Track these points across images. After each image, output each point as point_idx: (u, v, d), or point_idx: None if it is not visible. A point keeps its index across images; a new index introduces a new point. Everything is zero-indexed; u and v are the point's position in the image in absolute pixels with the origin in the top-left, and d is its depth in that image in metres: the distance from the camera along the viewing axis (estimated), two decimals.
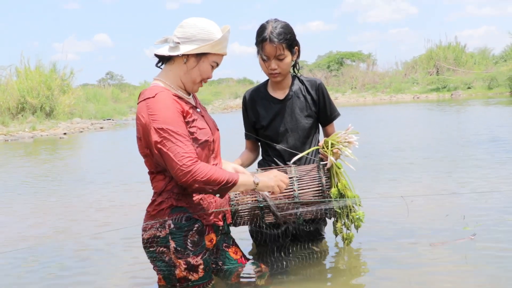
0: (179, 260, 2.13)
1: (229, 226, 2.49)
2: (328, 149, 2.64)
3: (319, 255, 2.88)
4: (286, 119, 2.85)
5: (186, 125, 2.12)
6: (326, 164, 2.64)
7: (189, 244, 2.14)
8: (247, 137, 2.97)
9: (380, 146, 7.67)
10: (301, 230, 2.88)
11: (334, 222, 2.74)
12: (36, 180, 6.63)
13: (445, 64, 29.40)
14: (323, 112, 2.89)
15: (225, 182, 2.07)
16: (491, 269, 2.61)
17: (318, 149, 2.77)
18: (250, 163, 2.97)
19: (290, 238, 2.92)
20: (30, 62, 19.04)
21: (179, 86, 2.23)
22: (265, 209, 2.59)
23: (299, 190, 2.60)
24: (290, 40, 2.69)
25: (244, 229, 2.92)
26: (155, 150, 2.07)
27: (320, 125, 2.97)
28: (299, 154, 2.74)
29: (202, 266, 2.16)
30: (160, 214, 2.14)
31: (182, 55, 2.16)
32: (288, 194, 2.58)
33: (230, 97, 33.72)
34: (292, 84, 2.88)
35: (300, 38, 2.79)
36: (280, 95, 2.87)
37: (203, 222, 2.19)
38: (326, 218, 2.89)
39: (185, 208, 2.15)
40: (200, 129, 2.17)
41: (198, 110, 2.27)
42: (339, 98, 28.79)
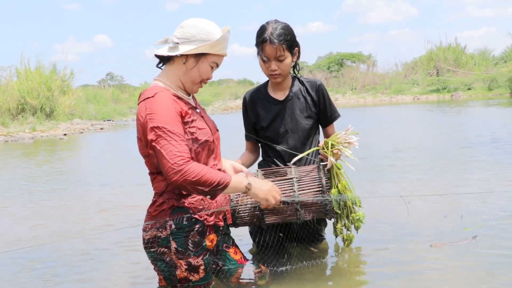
0: (180, 260, 2.13)
1: (229, 227, 2.49)
2: (328, 150, 2.64)
3: (319, 256, 2.88)
4: (286, 120, 2.85)
5: (185, 125, 2.13)
6: (326, 164, 2.64)
7: (190, 244, 2.14)
8: (247, 138, 2.97)
9: (380, 147, 7.68)
10: (301, 231, 2.88)
11: (334, 223, 2.74)
12: (35, 181, 6.63)
13: (445, 65, 29.41)
14: (323, 113, 2.89)
15: (216, 183, 2.04)
16: (491, 270, 2.61)
17: (318, 150, 2.77)
18: (251, 164, 2.98)
19: (290, 239, 2.93)
20: (30, 63, 19.13)
21: (179, 87, 2.23)
22: (265, 209, 2.59)
23: (299, 191, 2.60)
24: (290, 41, 2.70)
25: (244, 229, 2.92)
26: (150, 149, 2.07)
27: (320, 126, 2.97)
28: (299, 155, 2.74)
29: (202, 267, 2.17)
30: (161, 214, 2.15)
31: (181, 56, 2.16)
32: (288, 195, 2.58)
33: (230, 98, 33.74)
34: (292, 85, 2.88)
35: (300, 39, 2.80)
36: (280, 96, 2.88)
37: (204, 223, 2.19)
38: (326, 219, 2.90)
39: (186, 208, 2.15)
40: (200, 129, 2.18)
41: (197, 110, 2.28)
42: (339, 99, 28.80)
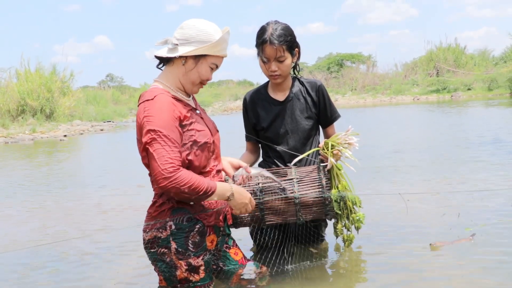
0: (180, 261, 2.13)
1: (229, 227, 2.49)
2: (328, 150, 2.64)
3: (319, 256, 2.89)
4: (287, 121, 2.85)
5: (184, 128, 2.13)
6: (326, 165, 2.64)
7: (190, 245, 2.14)
8: (248, 138, 2.97)
9: (380, 148, 7.67)
10: (301, 231, 2.88)
11: (334, 224, 2.75)
12: (35, 183, 6.63)
13: (445, 65, 29.42)
14: (323, 113, 2.89)
15: (203, 192, 2.07)
16: (491, 271, 2.61)
17: (318, 150, 2.77)
18: (251, 165, 2.97)
19: (290, 240, 2.93)
20: (30, 64, 19.12)
21: (179, 88, 2.23)
22: (265, 210, 2.60)
23: (300, 191, 2.60)
24: (290, 42, 2.70)
25: (244, 230, 2.92)
26: (144, 151, 2.08)
27: (320, 126, 2.97)
28: (300, 156, 2.74)
29: (203, 267, 2.17)
30: (161, 215, 2.15)
31: (181, 57, 2.16)
32: (288, 196, 2.59)
33: (230, 99, 33.74)
34: (292, 85, 2.88)
35: (300, 39, 2.80)
36: (280, 97, 2.88)
37: (204, 223, 2.19)
38: (326, 219, 2.90)
39: (186, 209, 2.16)
40: (199, 131, 2.18)
41: (197, 112, 2.28)
42: (339, 100, 28.80)
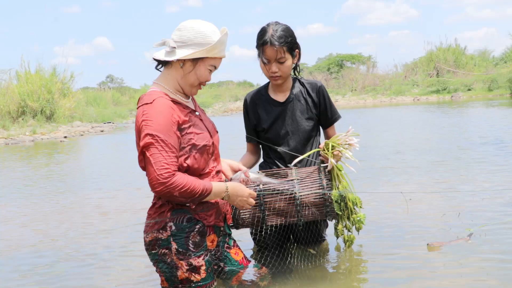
0: (181, 261, 2.14)
1: (230, 227, 2.49)
2: (328, 151, 2.64)
3: (320, 257, 2.89)
4: (287, 122, 2.85)
5: (182, 132, 2.13)
6: (327, 166, 2.65)
7: (190, 245, 2.15)
8: (248, 139, 2.98)
9: (381, 149, 7.67)
10: (302, 232, 2.89)
11: (335, 224, 2.75)
12: (35, 184, 6.63)
13: (445, 66, 29.41)
14: (324, 114, 2.90)
15: (199, 194, 2.09)
16: (490, 271, 2.62)
17: (319, 151, 2.77)
18: (252, 166, 2.98)
19: (291, 240, 2.93)
20: (30, 66, 19.15)
21: (177, 90, 2.23)
22: (266, 211, 2.60)
23: (300, 192, 2.60)
24: (291, 43, 2.70)
25: (245, 230, 2.92)
26: (141, 154, 2.08)
27: (321, 127, 2.97)
28: (300, 157, 2.74)
29: (204, 267, 2.17)
30: (161, 216, 2.15)
31: (179, 60, 2.16)
32: (289, 197, 2.59)
33: (230, 100, 33.73)
34: (293, 86, 2.88)
35: (300, 40, 2.80)
36: (281, 98, 2.88)
37: (204, 223, 2.20)
38: (327, 220, 2.90)
39: (185, 209, 2.16)
40: (197, 134, 2.18)
41: (197, 113, 2.28)
42: (339, 101, 28.79)
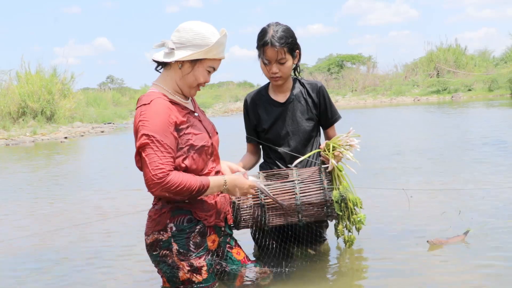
0: (182, 262, 2.14)
1: (231, 228, 2.50)
2: (329, 152, 2.65)
3: (321, 257, 2.89)
4: (288, 122, 2.86)
5: (180, 132, 2.14)
6: (327, 167, 2.65)
7: (191, 246, 2.15)
8: (248, 140, 2.98)
9: (381, 149, 7.66)
10: (302, 232, 2.89)
11: (335, 225, 2.75)
12: (36, 185, 6.62)
13: (445, 66, 29.40)
14: (324, 115, 2.90)
15: (196, 190, 2.09)
16: (491, 269, 2.63)
17: (319, 152, 2.78)
18: (252, 166, 2.99)
19: (291, 241, 2.93)
20: (30, 67, 19.16)
21: (176, 91, 2.24)
22: (267, 212, 2.60)
23: (301, 193, 2.60)
24: (291, 44, 2.70)
25: (245, 231, 2.92)
26: (137, 155, 2.09)
27: (321, 128, 2.98)
28: (301, 157, 2.74)
29: (205, 268, 2.18)
30: (161, 217, 2.16)
31: (177, 61, 2.17)
32: (290, 197, 2.59)
33: (231, 100, 33.73)
34: (293, 87, 2.89)
35: (300, 41, 2.80)
36: (281, 99, 2.88)
37: (205, 223, 2.20)
38: (327, 220, 2.90)
39: (186, 210, 2.16)
40: (196, 134, 2.18)
41: (196, 114, 2.28)
42: (340, 101, 28.78)
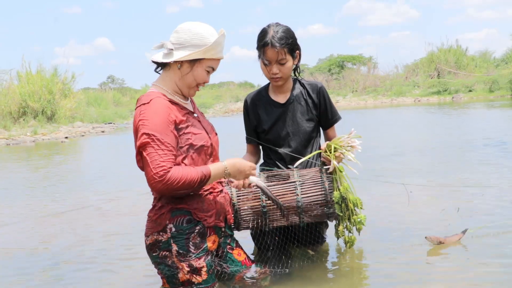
0: (182, 263, 2.14)
1: (231, 228, 2.50)
2: (331, 153, 2.65)
3: (321, 257, 2.89)
4: (288, 123, 2.86)
5: (180, 131, 2.14)
6: (328, 168, 2.65)
7: (191, 246, 2.15)
8: (248, 140, 2.98)
9: (382, 150, 7.66)
10: (302, 233, 2.89)
11: (335, 225, 2.75)
12: (36, 186, 6.60)
13: (446, 67, 29.39)
14: (324, 115, 2.90)
15: (198, 182, 2.08)
16: (491, 268, 2.64)
17: (320, 152, 2.78)
18: None
19: (291, 241, 2.93)
20: (31, 66, 19.11)
21: (176, 91, 2.24)
22: (268, 213, 2.60)
23: (302, 194, 2.60)
24: (291, 44, 2.70)
25: (246, 232, 2.92)
26: (138, 154, 2.09)
27: (321, 128, 2.98)
28: (302, 159, 2.74)
29: (205, 269, 2.17)
30: (161, 218, 2.16)
31: (176, 61, 2.17)
32: (291, 198, 2.59)
33: (231, 100, 33.74)
34: (293, 88, 2.89)
35: (300, 41, 2.80)
36: (281, 99, 2.88)
37: (204, 224, 2.20)
38: (328, 221, 2.90)
39: (185, 210, 2.16)
40: (195, 134, 2.19)
41: (195, 115, 2.29)
42: (340, 102, 28.77)
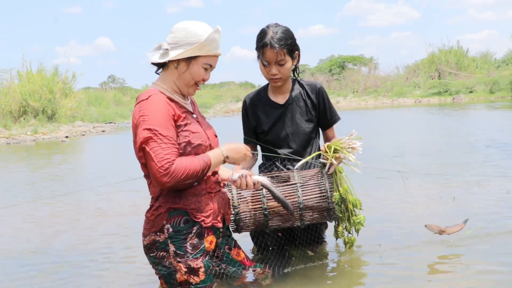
0: (179, 263, 2.14)
1: (230, 229, 2.49)
2: (331, 153, 2.65)
3: (321, 257, 2.89)
4: (287, 124, 2.86)
5: (178, 128, 2.15)
6: (329, 169, 2.65)
7: (188, 247, 2.15)
8: (246, 142, 2.96)
9: (382, 151, 7.65)
10: (302, 233, 2.89)
11: (335, 226, 2.76)
12: (34, 185, 6.58)
13: (447, 68, 29.38)
14: (323, 116, 2.90)
15: (201, 172, 2.11)
16: (490, 266, 2.65)
17: (319, 153, 2.78)
18: (249, 167, 2.98)
19: (291, 241, 2.94)
20: (32, 66, 19.11)
21: (175, 91, 2.25)
22: (270, 215, 2.60)
23: (304, 196, 2.60)
24: (291, 45, 2.70)
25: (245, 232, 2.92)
26: (139, 151, 2.09)
27: (320, 129, 2.98)
28: (303, 160, 2.74)
29: (202, 269, 2.17)
30: (158, 218, 2.16)
31: (173, 61, 2.19)
32: (292, 200, 2.59)
33: (232, 100, 33.74)
34: (292, 88, 2.89)
35: (301, 41, 2.80)
36: (280, 100, 2.88)
37: (202, 224, 2.19)
38: (327, 221, 2.90)
39: (182, 210, 2.16)
40: (193, 133, 2.19)
41: (194, 116, 2.29)
42: (341, 102, 28.75)
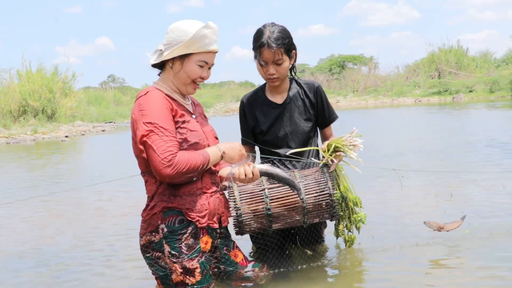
0: (175, 264, 2.13)
1: (228, 229, 2.49)
2: (327, 154, 2.65)
3: (320, 256, 2.89)
4: (286, 124, 2.85)
5: (176, 125, 2.16)
6: (329, 167, 2.65)
7: (183, 247, 2.14)
8: (244, 142, 2.95)
9: (382, 150, 7.65)
10: (301, 233, 2.89)
11: (335, 224, 2.75)
12: (34, 185, 6.57)
13: (446, 67, 29.38)
14: (321, 114, 2.90)
15: (201, 167, 2.14)
16: (490, 264, 2.65)
17: (317, 150, 2.78)
18: None
19: (290, 241, 2.93)
20: (32, 65, 19.11)
21: (174, 90, 2.27)
22: (272, 216, 2.60)
23: (306, 195, 2.60)
24: (288, 44, 2.70)
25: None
26: (140, 145, 2.09)
27: (318, 127, 2.97)
28: (301, 158, 2.75)
29: (198, 270, 2.16)
30: (153, 218, 2.15)
31: (168, 61, 2.21)
32: (293, 200, 2.59)
33: (232, 100, 33.74)
34: (290, 88, 2.88)
35: (301, 41, 2.88)
36: (278, 100, 2.88)
37: (197, 225, 2.19)
38: (327, 220, 2.90)
39: (177, 210, 2.16)
40: (191, 131, 2.20)
41: (193, 116, 2.29)
42: (341, 101, 28.75)
